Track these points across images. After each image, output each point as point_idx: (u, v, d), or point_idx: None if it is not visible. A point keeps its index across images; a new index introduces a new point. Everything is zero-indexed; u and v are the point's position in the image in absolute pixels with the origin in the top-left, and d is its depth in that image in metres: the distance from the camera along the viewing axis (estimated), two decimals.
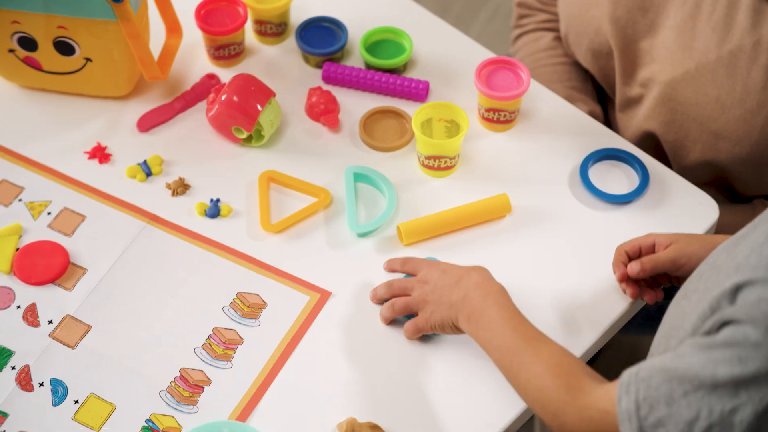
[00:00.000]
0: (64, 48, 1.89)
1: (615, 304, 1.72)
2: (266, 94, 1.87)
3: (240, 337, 1.70)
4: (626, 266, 1.68)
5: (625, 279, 1.70)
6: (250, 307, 1.73)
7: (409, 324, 1.67)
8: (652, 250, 1.67)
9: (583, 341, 1.68)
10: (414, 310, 1.66)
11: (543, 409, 1.46)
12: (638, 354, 2.68)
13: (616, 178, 1.87)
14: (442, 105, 1.86)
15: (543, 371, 1.46)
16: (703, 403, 1.21)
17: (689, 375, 1.23)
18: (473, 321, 1.56)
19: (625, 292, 1.70)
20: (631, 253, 1.68)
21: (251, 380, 1.65)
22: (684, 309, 1.34)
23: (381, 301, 1.72)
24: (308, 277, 1.76)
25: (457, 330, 1.61)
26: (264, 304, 1.73)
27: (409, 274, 1.72)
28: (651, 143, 1.97)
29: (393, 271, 1.74)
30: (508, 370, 1.52)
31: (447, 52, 2.06)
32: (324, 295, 1.74)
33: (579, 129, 1.94)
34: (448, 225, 1.79)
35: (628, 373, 1.31)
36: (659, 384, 1.26)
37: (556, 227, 1.79)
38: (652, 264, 1.64)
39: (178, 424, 1.62)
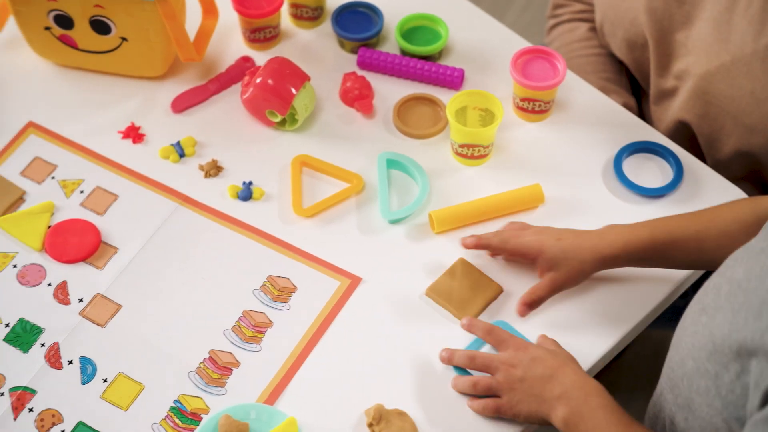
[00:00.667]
0: (100, 27, 1.90)
1: (646, 299, 1.71)
2: (301, 78, 1.87)
3: (269, 320, 1.70)
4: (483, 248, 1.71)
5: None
6: (280, 291, 1.73)
7: (490, 404, 1.56)
8: (532, 260, 1.68)
9: (613, 335, 1.67)
10: (497, 393, 1.57)
11: None
12: (664, 348, 2.67)
13: (650, 171, 1.86)
14: (477, 93, 1.85)
15: None
16: None
17: None
18: (572, 424, 1.47)
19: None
20: (510, 254, 1.71)
21: (280, 364, 1.65)
22: (709, 328, 1.29)
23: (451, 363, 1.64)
24: (339, 262, 1.76)
25: (544, 423, 1.53)
26: (294, 288, 1.73)
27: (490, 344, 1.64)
28: (685, 136, 1.96)
29: (470, 329, 1.64)
30: None
31: (483, 40, 2.05)
32: (354, 281, 1.74)
33: (613, 121, 1.93)
34: (480, 214, 1.79)
35: None
36: None
37: (588, 219, 1.78)
38: (538, 301, 1.67)
39: (206, 405, 1.62)
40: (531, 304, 1.65)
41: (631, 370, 1.46)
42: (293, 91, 1.85)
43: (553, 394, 1.50)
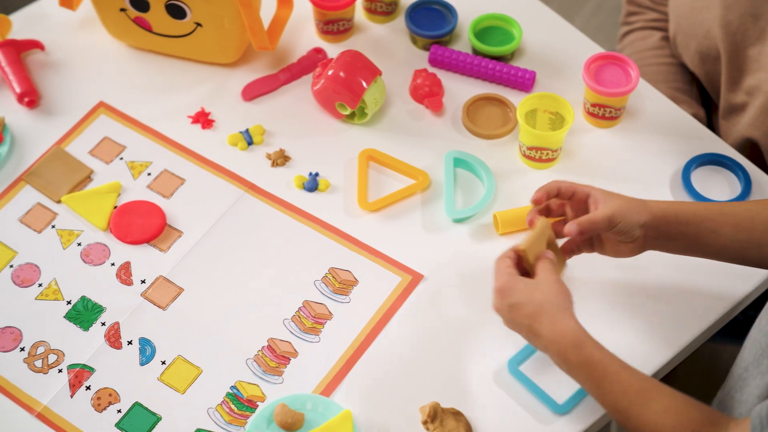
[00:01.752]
0: (175, 11, 1.90)
1: (708, 311, 1.69)
2: (373, 72, 1.87)
3: (329, 312, 1.70)
4: (546, 198, 1.61)
5: (538, 207, 1.63)
6: (341, 283, 1.73)
7: None
8: (584, 201, 1.60)
9: (673, 346, 1.66)
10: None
11: None
12: (718, 362, 2.65)
13: (718, 184, 1.84)
14: (549, 96, 1.85)
15: (664, 420, 1.40)
16: None
17: None
18: (564, 366, 1.48)
19: (530, 223, 1.60)
20: (562, 193, 1.61)
21: (338, 356, 1.66)
22: None
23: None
24: (401, 258, 1.76)
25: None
26: (355, 282, 1.74)
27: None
28: (752, 151, 1.94)
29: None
30: (620, 419, 1.45)
31: (555, 43, 2.04)
32: (416, 278, 1.73)
33: (683, 131, 1.91)
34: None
35: (758, 415, 1.28)
36: None
37: None
38: (590, 225, 1.55)
39: (263, 393, 1.63)
40: (583, 229, 1.55)
41: (684, 384, 1.45)
42: (364, 84, 1.85)
43: (538, 345, 1.50)
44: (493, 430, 1.58)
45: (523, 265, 1.55)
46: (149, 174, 1.87)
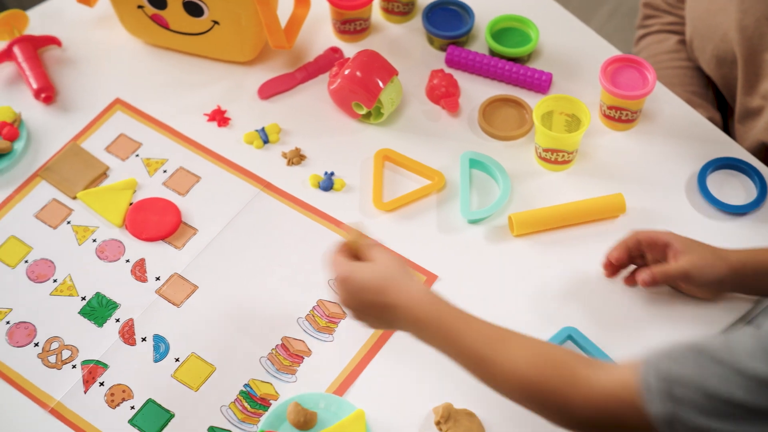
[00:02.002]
0: (192, 9, 1.91)
1: (723, 316, 1.69)
2: (389, 72, 1.87)
3: (344, 311, 1.70)
4: (627, 255, 1.66)
5: (611, 266, 1.69)
6: None
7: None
8: (663, 249, 1.63)
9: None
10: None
11: (540, 406, 1.35)
12: None
13: (734, 189, 1.84)
14: (565, 98, 1.84)
15: (524, 369, 1.34)
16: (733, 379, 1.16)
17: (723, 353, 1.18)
18: (420, 335, 1.44)
19: (609, 275, 1.70)
20: (642, 244, 1.65)
21: (351, 355, 1.66)
22: None
23: None
24: (416, 258, 1.76)
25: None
26: None
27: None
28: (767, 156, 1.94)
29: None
30: (482, 377, 1.40)
31: (572, 45, 2.04)
32: (430, 278, 1.73)
33: (700, 135, 1.91)
34: (561, 220, 1.78)
35: (655, 368, 1.23)
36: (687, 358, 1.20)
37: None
38: (664, 277, 1.60)
39: (276, 391, 1.63)
40: (657, 280, 1.60)
41: None
42: (381, 84, 1.85)
43: (393, 320, 1.45)
44: (506, 431, 1.58)
45: (358, 257, 1.51)
46: (165, 171, 1.88)
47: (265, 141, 1.91)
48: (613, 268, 1.69)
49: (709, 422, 1.17)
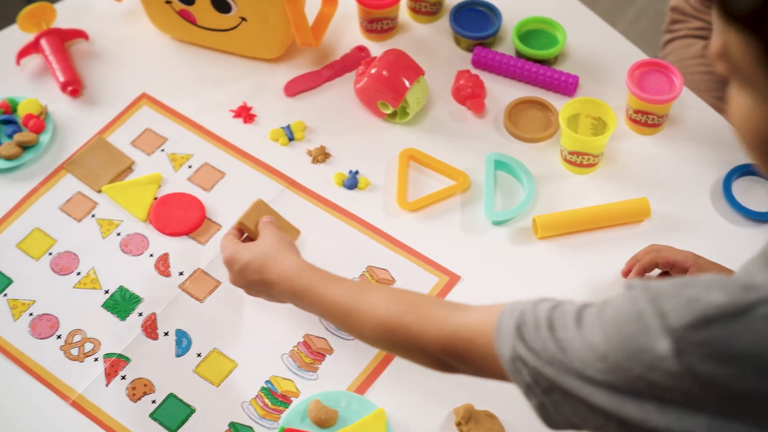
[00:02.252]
0: (220, 5, 1.91)
1: None
2: (416, 72, 1.87)
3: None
4: (641, 274, 1.67)
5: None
6: (379, 282, 1.73)
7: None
8: (684, 270, 1.64)
9: None
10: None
11: (401, 347, 1.39)
12: None
13: (759, 195, 1.83)
14: (591, 102, 1.84)
15: (386, 311, 1.38)
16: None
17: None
18: (298, 304, 1.52)
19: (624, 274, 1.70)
20: (660, 266, 1.66)
21: (372, 354, 1.65)
22: None
23: None
24: (439, 258, 1.76)
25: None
26: (393, 281, 1.73)
27: None
28: None
29: None
30: (351, 330, 1.46)
31: (599, 49, 2.04)
32: (453, 279, 1.73)
33: (725, 141, 1.90)
34: (585, 223, 1.78)
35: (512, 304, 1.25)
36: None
37: (693, 238, 1.75)
38: None
39: (297, 389, 1.63)
40: None
41: None
42: (407, 84, 1.85)
43: (273, 293, 1.54)
44: None
45: (249, 238, 1.63)
46: (190, 167, 1.88)
47: (291, 138, 1.91)
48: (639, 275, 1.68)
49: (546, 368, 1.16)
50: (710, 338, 1.01)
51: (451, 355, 1.32)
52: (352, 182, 1.84)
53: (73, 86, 1.97)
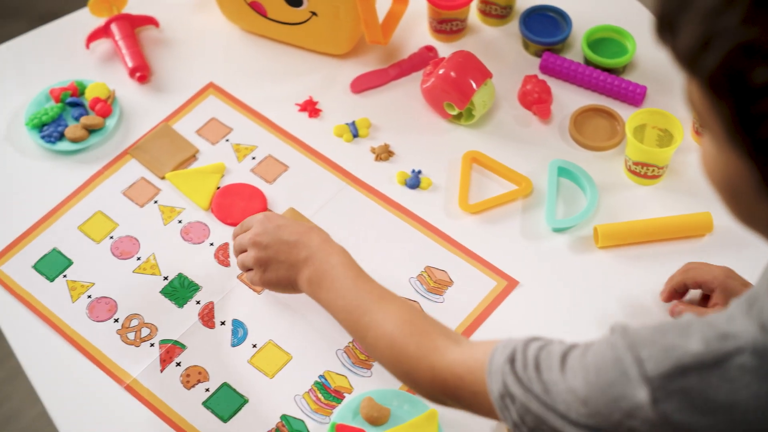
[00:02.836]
0: None
1: None
2: (483, 75, 1.87)
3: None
4: (671, 296, 1.67)
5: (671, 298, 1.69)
6: (436, 283, 1.73)
7: (245, 276, 1.63)
8: (712, 291, 1.63)
9: None
10: (251, 267, 1.60)
11: (395, 367, 1.40)
12: None
13: None
14: (659, 113, 1.83)
15: (393, 329, 1.40)
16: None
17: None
18: (315, 282, 1.50)
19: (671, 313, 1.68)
20: (689, 286, 1.66)
21: None
22: None
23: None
24: (498, 262, 1.75)
25: (294, 290, 1.56)
26: (450, 282, 1.73)
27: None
28: None
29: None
30: (355, 331, 1.46)
31: (668, 60, 2.01)
32: (511, 284, 1.73)
33: None
34: (646, 235, 1.76)
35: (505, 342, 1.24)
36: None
37: (755, 254, 1.73)
38: None
39: (350, 385, 1.63)
40: None
41: None
42: (474, 86, 1.85)
43: (299, 258, 1.52)
44: None
45: None
46: (254, 158, 1.89)
47: (355, 135, 1.91)
48: (671, 295, 1.69)
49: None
50: (686, 388, 1.01)
51: (441, 390, 1.34)
52: (414, 182, 1.84)
53: (142, 72, 1.98)
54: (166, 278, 1.75)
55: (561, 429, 1.13)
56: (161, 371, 1.65)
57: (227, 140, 1.91)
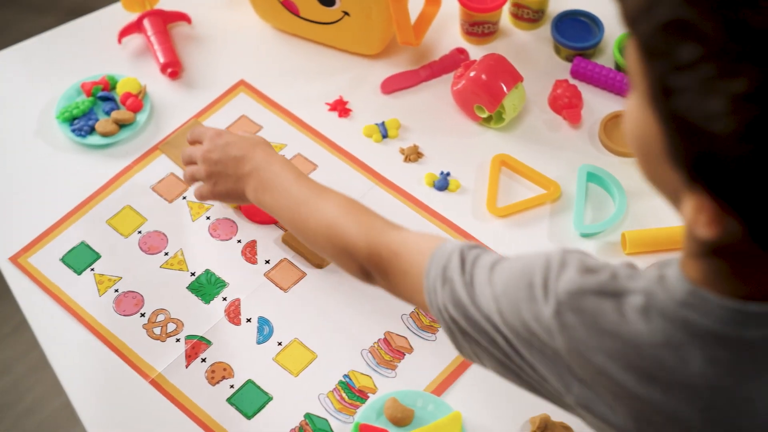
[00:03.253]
0: None
1: None
2: (514, 78, 1.86)
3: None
4: None
5: None
6: None
7: (195, 190, 1.68)
8: None
9: None
10: (200, 179, 1.66)
11: (333, 246, 1.46)
12: None
13: None
14: None
15: (334, 212, 1.47)
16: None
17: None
18: (260, 189, 1.56)
19: None
20: None
21: (452, 356, 1.65)
22: None
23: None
24: None
25: (242, 200, 1.62)
26: None
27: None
28: None
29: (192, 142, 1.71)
30: (297, 221, 1.52)
31: None
32: None
33: None
34: (674, 242, 1.76)
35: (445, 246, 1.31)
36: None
37: None
38: None
39: (375, 385, 1.63)
40: None
41: None
42: (505, 89, 1.85)
43: (245, 171, 1.58)
44: None
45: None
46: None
47: (384, 135, 1.91)
48: None
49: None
50: (583, 306, 1.10)
51: (375, 265, 1.40)
52: (442, 183, 1.84)
53: (173, 68, 1.99)
54: (193, 274, 1.75)
55: (479, 322, 1.21)
56: (186, 367, 1.66)
57: None
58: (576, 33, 2.02)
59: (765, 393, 1.07)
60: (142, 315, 1.71)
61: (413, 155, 1.88)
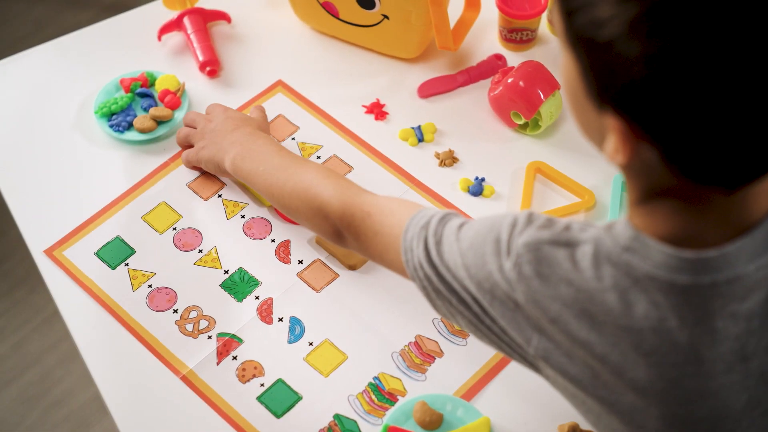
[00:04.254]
0: (365, 1, 1.92)
1: None
2: (552, 86, 1.87)
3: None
4: None
5: None
6: None
7: (183, 153, 1.87)
8: None
9: None
10: (192, 143, 1.85)
11: (308, 207, 1.56)
12: None
13: None
14: None
15: (313, 175, 1.58)
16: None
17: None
18: (239, 159, 1.71)
19: None
20: None
21: (483, 362, 1.65)
22: None
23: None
24: None
25: (220, 171, 1.79)
26: None
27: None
28: None
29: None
30: (274, 189, 1.63)
31: None
32: None
33: None
34: None
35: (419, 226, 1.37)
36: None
37: None
38: None
39: (404, 388, 1.64)
40: None
41: None
42: (542, 96, 1.85)
43: (230, 140, 1.75)
44: None
45: None
46: (318, 157, 1.89)
47: (420, 139, 1.91)
48: None
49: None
50: (539, 256, 1.16)
51: (347, 225, 1.49)
52: (477, 189, 1.84)
53: (212, 66, 2.00)
54: (226, 272, 1.76)
55: (449, 281, 1.28)
56: (217, 364, 1.66)
57: (293, 138, 1.92)
58: None
59: (707, 341, 1.09)
60: (175, 311, 1.72)
61: (448, 160, 1.88)
